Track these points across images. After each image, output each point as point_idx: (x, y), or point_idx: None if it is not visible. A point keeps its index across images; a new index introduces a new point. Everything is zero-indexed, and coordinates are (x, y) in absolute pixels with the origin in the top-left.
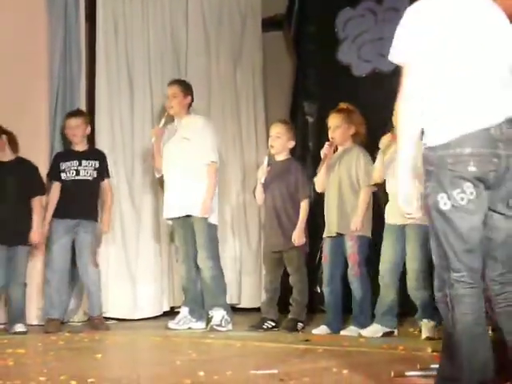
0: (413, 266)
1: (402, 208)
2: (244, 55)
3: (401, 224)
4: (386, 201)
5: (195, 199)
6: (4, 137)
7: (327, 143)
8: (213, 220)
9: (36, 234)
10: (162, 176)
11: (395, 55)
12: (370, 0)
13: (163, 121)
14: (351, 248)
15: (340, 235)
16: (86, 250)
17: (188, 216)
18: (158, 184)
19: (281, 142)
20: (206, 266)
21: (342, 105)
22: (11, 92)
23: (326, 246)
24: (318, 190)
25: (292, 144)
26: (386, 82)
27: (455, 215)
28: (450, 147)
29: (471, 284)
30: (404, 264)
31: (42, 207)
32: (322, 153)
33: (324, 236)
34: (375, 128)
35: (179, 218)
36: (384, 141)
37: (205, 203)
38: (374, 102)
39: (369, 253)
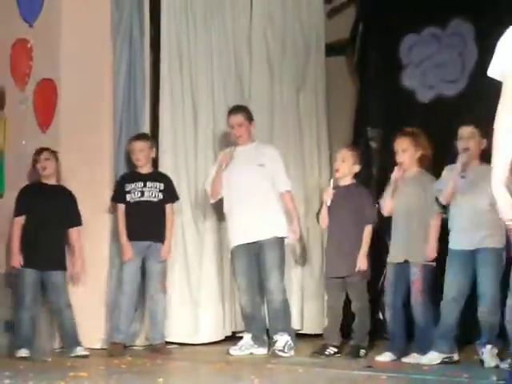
0: (487, 290)
1: (505, 217)
2: (307, 80)
3: (468, 249)
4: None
5: (266, 224)
6: (57, 164)
7: (397, 167)
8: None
9: (80, 263)
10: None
11: (494, 70)
12: (434, 26)
13: (233, 148)
14: (415, 275)
15: (405, 261)
16: (155, 274)
17: (255, 242)
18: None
19: (346, 166)
20: (278, 288)
21: (408, 128)
22: (76, 116)
23: (390, 272)
24: (385, 213)
25: (357, 168)
26: (450, 108)
27: None
28: None
29: None
30: (472, 289)
31: (80, 238)
32: (393, 176)
33: (388, 261)
34: (438, 154)
35: (247, 244)
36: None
37: (294, 227)
38: (438, 128)
39: (433, 280)
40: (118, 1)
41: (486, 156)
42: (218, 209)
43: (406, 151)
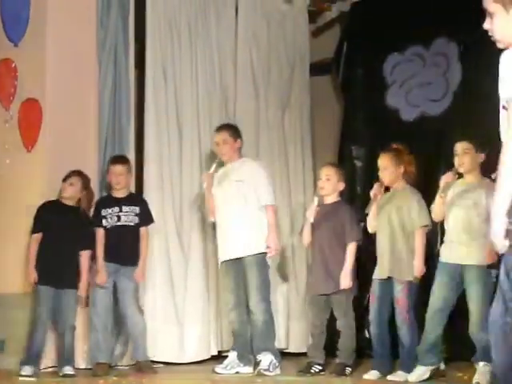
0: (476, 307)
1: (494, 243)
2: (292, 99)
3: (457, 263)
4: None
5: (249, 241)
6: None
7: (376, 183)
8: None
9: (83, 286)
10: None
11: (507, 91)
12: (418, 45)
13: (214, 166)
14: (400, 292)
15: (389, 278)
16: (130, 297)
17: (239, 259)
18: (212, 227)
19: (331, 183)
20: (259, 309)
21: (393, 145)
22: (61, 135)
23: (375, 288)
24: (370, 230)
25: (342, 186)
26: (434, 127)
27: None
28: None
29: None
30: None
31: (89, 262)
32: (372, 193)
33: (374, 277)
34: (423, 172)
35: (233, 260)
36: (445, 180)
37: (268, 241)
38: (423, 147)
39: (415, 297)
40: (103, 19)
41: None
42: (204, 225)
43: (387, 169)
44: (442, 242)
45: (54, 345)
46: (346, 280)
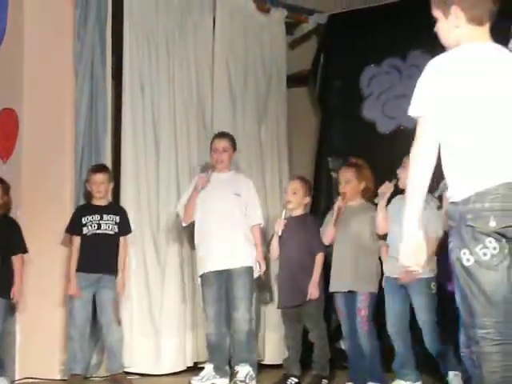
0: (424, 317)
1: (403, 262)
2: (269, 112)
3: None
4: None
5: (239, 253)
6: (5, 196)
7: (340, 197)
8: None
9: (17, 290)
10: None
11: (414, 109)
12: (395, 57)
13: (210, 172)
14: (362, 303)
15: (350, 291)
16: (108, 306)
17: (225, 270)
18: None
19: (297, 197)
20: (243, 319)
21: (352, 159)
22: (37, 146)
23: (340, 302)
24: (327, 242)
25: (307, 200)
26: (411, 139)
27: (478, 271)
28: (470, 202)
29: (498, 340)
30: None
31: (23, 265)
32: (336, 206)
33: (333, 291)
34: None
35: (218, 271)
36: (383, 189)
37: (259, 258)
38: (399, 159)
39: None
40: (80, 31)
41: None
42: (180, 237)
43: (349, 183)
44: None
45: None
46: (314, 290)
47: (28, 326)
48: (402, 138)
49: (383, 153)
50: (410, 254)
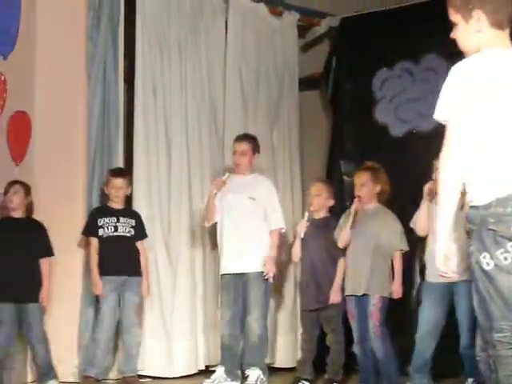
0: (468, 324)
1: (439, 267)
2: (281, 115)
3: (445, 282)
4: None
5: (256, 257)
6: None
7: (356, 199)
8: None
9: (45, 294)
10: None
11: (439, 113)
12: (407, 60)
13: (227, 175)
14: (374, 306)
15: (364, 294)
16: (131, 309)
17: (243, 274)
18: (208, 233)
19: (320, 200)
20: (257, 324)
21: (368, 163)
22: (50, 149)
23: (352, 305)
24: (341, 245)
25: (331, 202)
26: (424, 142)
27: (498, 275)
28: (492, 207)
29: None
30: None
31: (50, 268)
32: (353, 208)
33: (347, 294)
34: (412, 188)
35: (235, 274)
36: (429, 187)
37: (270, 260)
38: (412, 162)
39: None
40: (93, 34)
41: None
42: (192, 239)
43: (365, 185)
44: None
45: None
46: (335, 295)
47: None
48: (415, 142)
49: (395, 156)
50: (441, 262)
